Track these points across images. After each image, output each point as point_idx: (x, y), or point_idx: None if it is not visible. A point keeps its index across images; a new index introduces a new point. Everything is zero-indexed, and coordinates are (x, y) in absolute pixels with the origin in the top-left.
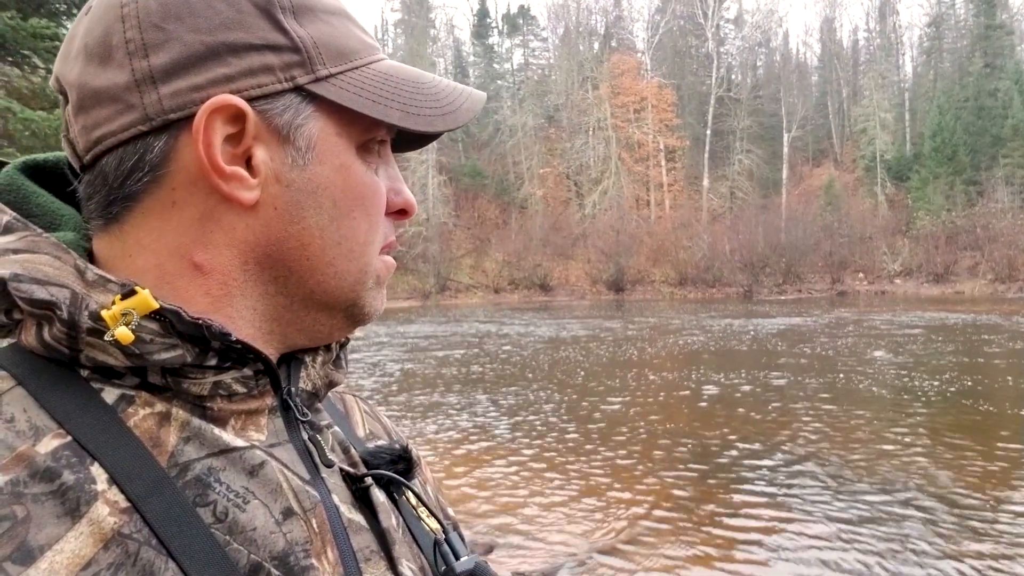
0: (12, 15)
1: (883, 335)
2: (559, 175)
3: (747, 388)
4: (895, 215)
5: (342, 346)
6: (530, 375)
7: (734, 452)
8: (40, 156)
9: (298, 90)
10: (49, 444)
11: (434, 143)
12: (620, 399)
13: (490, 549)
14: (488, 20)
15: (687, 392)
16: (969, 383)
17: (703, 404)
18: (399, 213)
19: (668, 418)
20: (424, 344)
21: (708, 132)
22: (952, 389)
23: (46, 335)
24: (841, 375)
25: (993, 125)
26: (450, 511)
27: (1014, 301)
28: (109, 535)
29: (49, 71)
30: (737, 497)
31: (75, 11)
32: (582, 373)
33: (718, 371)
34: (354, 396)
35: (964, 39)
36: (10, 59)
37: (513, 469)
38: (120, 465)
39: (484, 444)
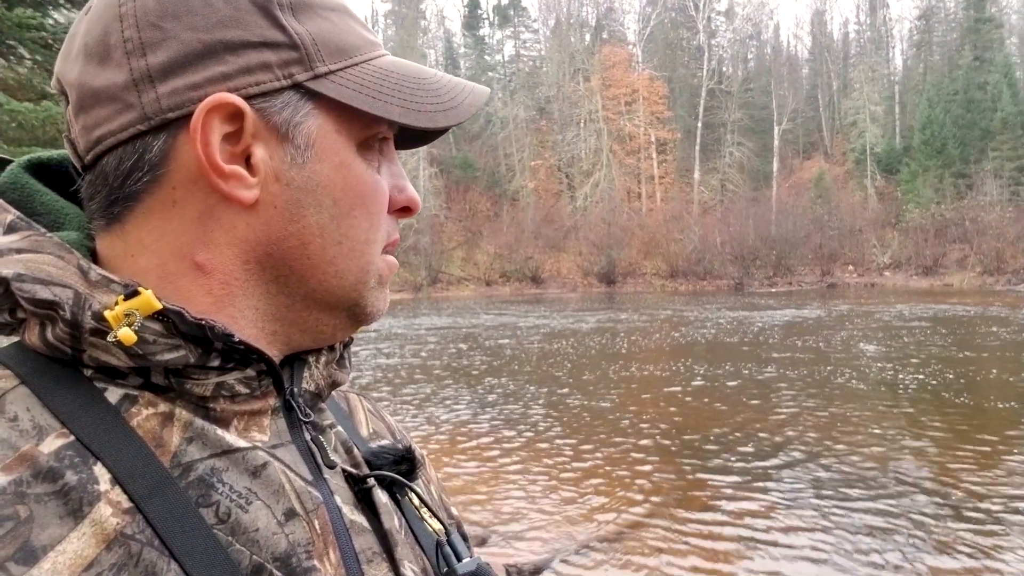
0: None
1: (873, 328)
2: (550, 167)
3: (737, 381)
4: (885, 208)
5: (345, 346)
6: (520, 368)
7: (724, 446)
8: (45, 154)
9: (297, 87)
10: (52, 444)
11: None
12: (610, 393)
13: (482, 542)
14: (479, 11)
15: (676, 386)
16: (951, 376)
17: (692, 398)
18: (402, 211)
19: (657, 412)
20: (415, 337)
21: (699, 124)
22: (938, 382)
23: (49, 335)
24: (831, 368)
25: (982, 118)
26: (453, 510)
27: (1002, 293)
28: (112, 535)
29: (35, 62)
30: (727, 491)
31: (60, 0)
32: (572, 366)
33: (708, 364)
34: (358, 395)
35: (954, 32)
36: None
37: (504, 462)
38: (123, 465)
39: (474, 437)
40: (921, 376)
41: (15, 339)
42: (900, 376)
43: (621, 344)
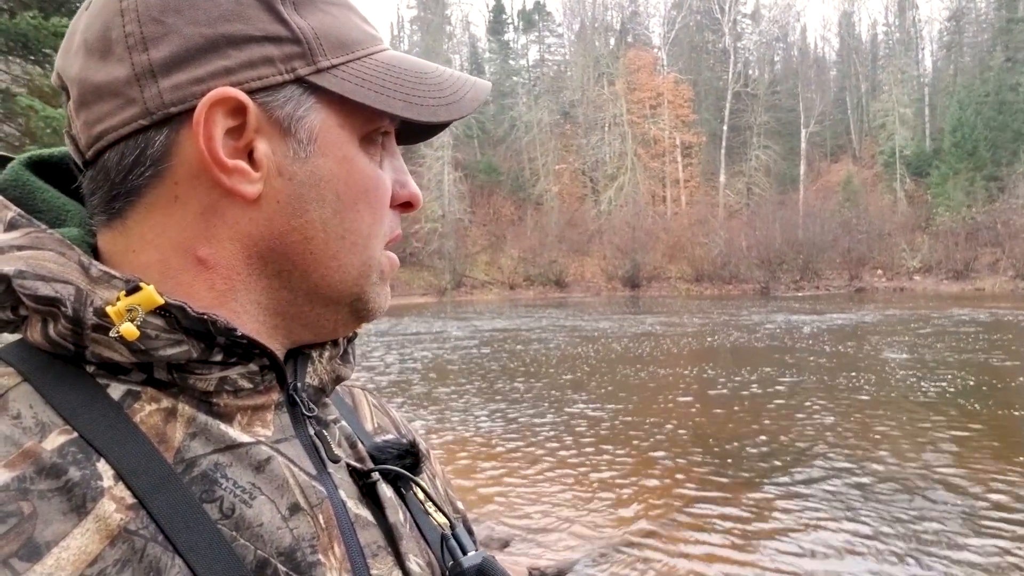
0: (35, 15)
1: (902, 333)
2: (575, 171)
3: (761, 387)
4: (914, 211)
5: (349, 341)
6: (542, 372)
7: (748, 450)
8: (45, 151)
9: (299, 82)
10: (55, 440)
11: (449, 139)
12: (633, 397)
13: (506, 544)
14: (504, 16)
15: (701, 391)
16: (979, 383)
17: (716, 403)
18: (404, 206)
19: (681, 417)
20: (439, 341)
21: (725, 128)
22: (966, 389)
23: (51, 331)
24: (857, 374)
25: (1014, 120)
26: (459, 504)
27: None
28: (115, 531)
29: None
30: (751, 493)
31: None
32: (595, 370)
33: (733, 369)
34: (363, 390)
35: (985, 33)
36: (32, 58)
37: (527, 466)
38: (126, 461)
39: (497, 441)
40: (949, 383)
41: (18, 336)
42: (927, 383)
43: (645, 349)
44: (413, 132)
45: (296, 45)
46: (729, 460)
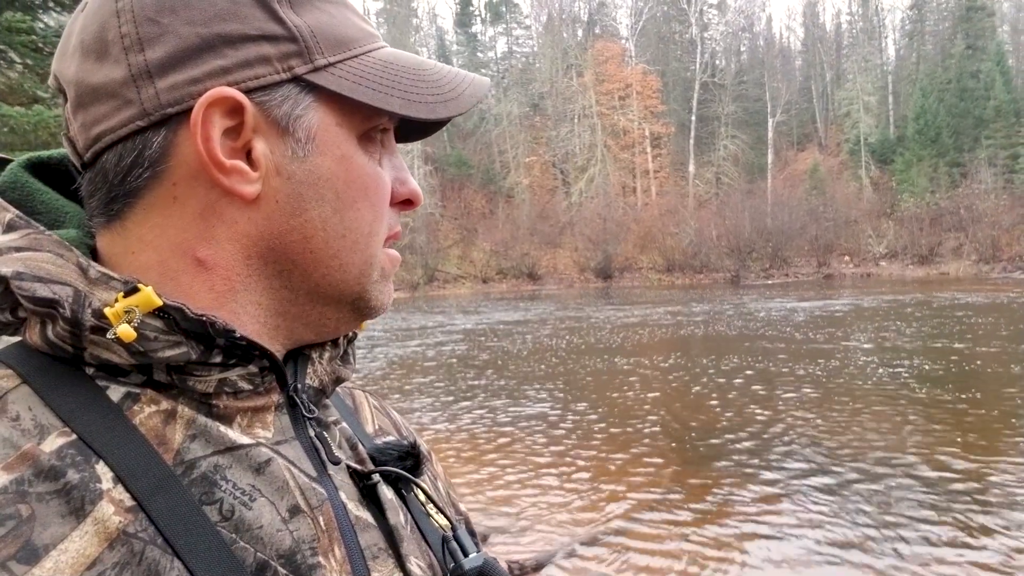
0: None
1: (869, 318)
2: (545, 163)
3: (735, 375)
4: (880, 198)
5: (349, 341)
6: (516, 365)
7: (723, 440)
8: (44, 153)
9: (296, 80)
10: (54, 442)
11: None
12: (608, 389)
13: (484, 539)
14: (471, 8)
15: (675, 380)
16: (947, 366)
17: (690, 393)
18: (404, 203)
19: (657, 407)
20: (412, 336)
21: (693, 118)
22: (934, 372)
23: (50, 333)
24: (827, 360)
25: (976, 106)
26: (461, 506)
27: (997, 281)
28: (114, 534)
29: (26, 66)
30: (726, 485)
31: (51, 4)
32: (568, 362)
33: (706, 358)
34: (363, 391)
35: (946, 21)
36: None
37: (504, 459)
38: (125, 463)
39: (473, 435)
40: (916, 367)
41: (17, 338)
42: (895, 367)
43: (616, 340)
44: (412, 129)
45: (293, 43)
46: (707, 451)
